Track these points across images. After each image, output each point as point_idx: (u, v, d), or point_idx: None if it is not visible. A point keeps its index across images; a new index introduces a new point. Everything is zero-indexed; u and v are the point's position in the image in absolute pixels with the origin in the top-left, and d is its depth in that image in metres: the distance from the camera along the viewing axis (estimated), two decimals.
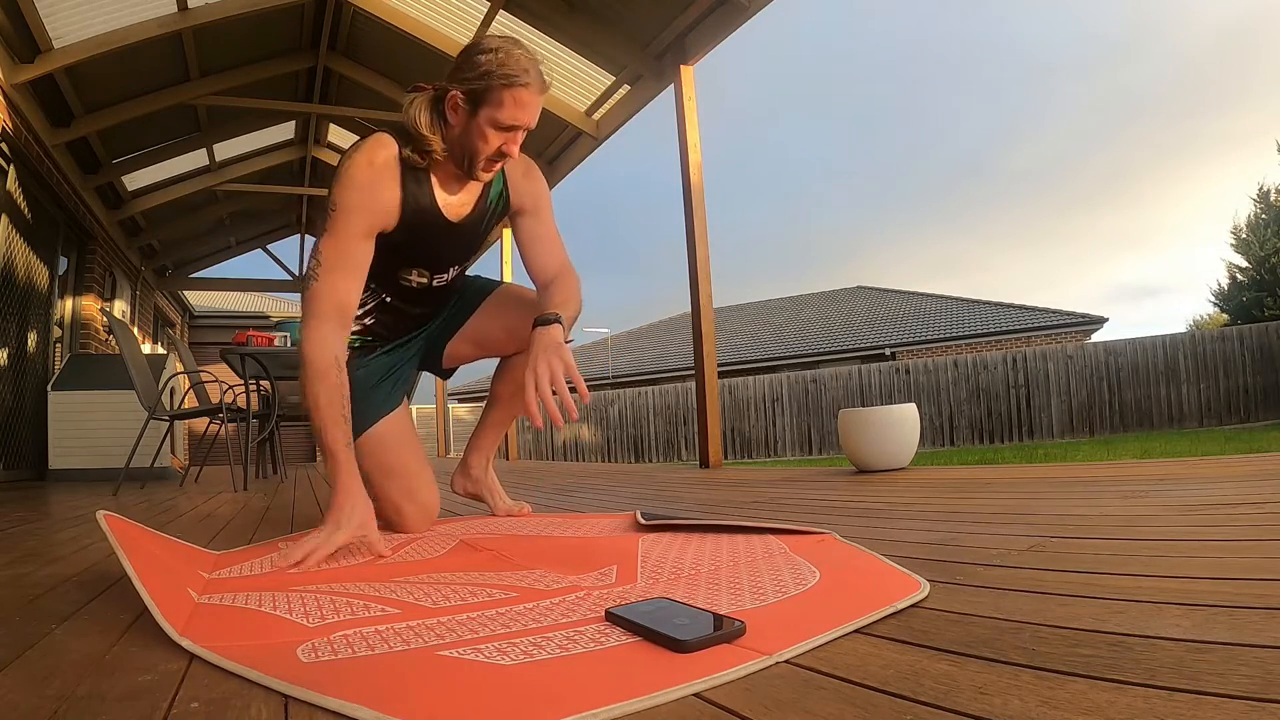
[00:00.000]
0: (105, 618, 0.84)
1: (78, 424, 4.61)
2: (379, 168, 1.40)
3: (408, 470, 1.55)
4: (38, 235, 4.83)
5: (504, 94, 1.35)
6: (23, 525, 1.95)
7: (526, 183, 1.65)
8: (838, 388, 13.28)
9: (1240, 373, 11.34)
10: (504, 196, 1.62)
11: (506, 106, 1.35)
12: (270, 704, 0.55)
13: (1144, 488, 1.59)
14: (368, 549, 1.21)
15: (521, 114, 1.37)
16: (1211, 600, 0.67)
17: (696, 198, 3.98)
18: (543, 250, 1.64)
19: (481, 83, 1.35)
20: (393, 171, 1.41)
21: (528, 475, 4.09)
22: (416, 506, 1.53)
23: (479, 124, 1.37)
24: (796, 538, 1.15)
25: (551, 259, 1.64)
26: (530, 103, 1.38)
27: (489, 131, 1.37)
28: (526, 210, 1.65)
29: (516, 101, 1.36)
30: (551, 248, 1.65)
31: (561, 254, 1.67)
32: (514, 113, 1.36)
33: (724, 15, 3.90)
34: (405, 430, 1.62)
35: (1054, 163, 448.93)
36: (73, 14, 4.02)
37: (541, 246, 1.64)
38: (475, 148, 1.39)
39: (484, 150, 1.39)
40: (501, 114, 1.36)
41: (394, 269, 1.56)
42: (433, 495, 1.58)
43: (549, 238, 1.66)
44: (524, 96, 1.36)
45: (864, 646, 0.62)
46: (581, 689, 0.54)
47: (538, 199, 1.66)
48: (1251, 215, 17.62)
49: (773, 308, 23.23)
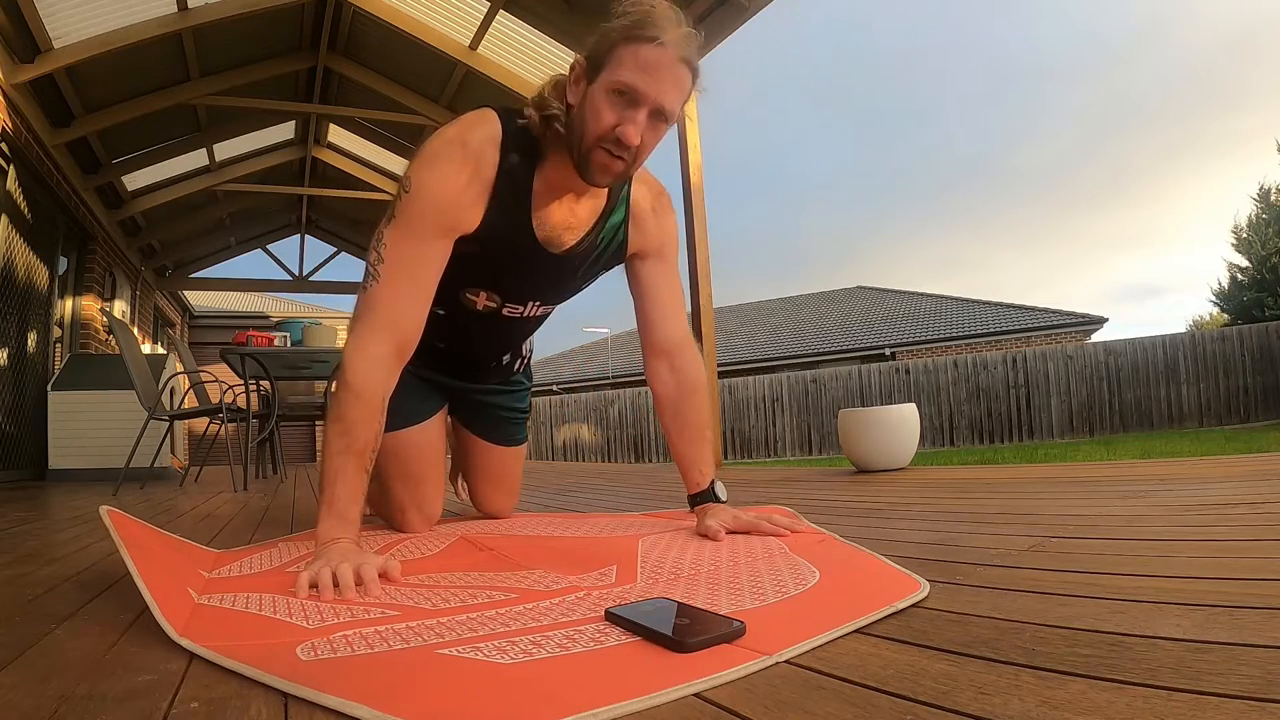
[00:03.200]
0: (105, 618, 0.84)
1: (78, 424, 4.61)
2: (474, 149, 1.12)
3: (424, 479, 1.51)
4: (37, 235, 4.83)
5: (623, 50, 1.04)
6: (23, 525, 1.95)
7: (655, 219, 1.33)
8: (837, 388, 13.27)
9: (1240, 373, 11.33)
10: (624, 230, 1.30)
11: (626, 65, 1.04)
12: (270, 704, 0.55)
13: (1144, 488, 1.59)
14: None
15: (644, 78, 1.03)
16: (1211, 600, 0.66)
17: (696, 198, 3.98)
18: (666, 311, 1.36)
19: (603, 41, 1.07)
20: (488, 157, 1.13)
21: (528, 475, 4.09)
22: (421, 515, 1.52)
23: (594, 93, 1.07)
24: (796, 537, 1.15)
25: (675, 325, 1.37)
26: (660, 66, 1.04)
27: (600, 100, 1.06)
28: (650, 253, 1.34)
29: (639, 61, 1.03)
30: (675, 308, 1.38)
31: (685, 319, 1.42)
32: (634, 75, 1.03)
33: (724, 15, 3.91)
34: (434, 441, 1.53)
35: (1055, 163, 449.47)
36: (73, 14, 4.02)
37: (664, 305, 1.36)
38: (586, 125, 1.08)
39: (595, 127, 1.06)
40: (620, 73, 1.04)
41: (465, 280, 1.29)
42: (438, 505, 1.56)
43: (673, 294, 1.38)
44: (650, 55, 1.03)
45: (864, 646, 0.62)
46: (581, 688, 0.54)
47: (665, 241, 1.36)
48: (1252, 215, 17.62)
49: (772, 308, 23.23)
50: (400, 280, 1.11)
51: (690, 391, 1.35)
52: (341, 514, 1.02)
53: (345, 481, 1.03)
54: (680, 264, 1.45)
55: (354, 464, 1.04)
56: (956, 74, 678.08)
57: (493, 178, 1.13)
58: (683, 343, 1.37)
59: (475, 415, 1.63)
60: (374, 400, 1.07)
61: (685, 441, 1.34)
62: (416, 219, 1.11)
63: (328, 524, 1.01)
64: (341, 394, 1.07)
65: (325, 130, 7.37)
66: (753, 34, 7.27)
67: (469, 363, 1.53)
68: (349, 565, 0.90)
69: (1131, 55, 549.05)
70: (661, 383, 1.37)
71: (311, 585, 0.88)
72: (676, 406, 1.36)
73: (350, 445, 1.04)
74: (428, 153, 1.13)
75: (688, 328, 1.40)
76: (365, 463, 1.06)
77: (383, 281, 1.10)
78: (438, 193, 1.11)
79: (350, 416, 1.05)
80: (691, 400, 1.35)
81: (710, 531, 1.17)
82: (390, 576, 0.94)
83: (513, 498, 1.72)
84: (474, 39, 5.12)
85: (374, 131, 6.92)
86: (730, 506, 1.26)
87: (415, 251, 1.12)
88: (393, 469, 1.46)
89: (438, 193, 1.11)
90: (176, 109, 5.37)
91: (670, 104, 1.07)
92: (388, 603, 0.84)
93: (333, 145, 7.59)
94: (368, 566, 0.91)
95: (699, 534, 1.20)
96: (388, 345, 1.10)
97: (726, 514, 1.23)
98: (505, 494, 1.69)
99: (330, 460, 1.04)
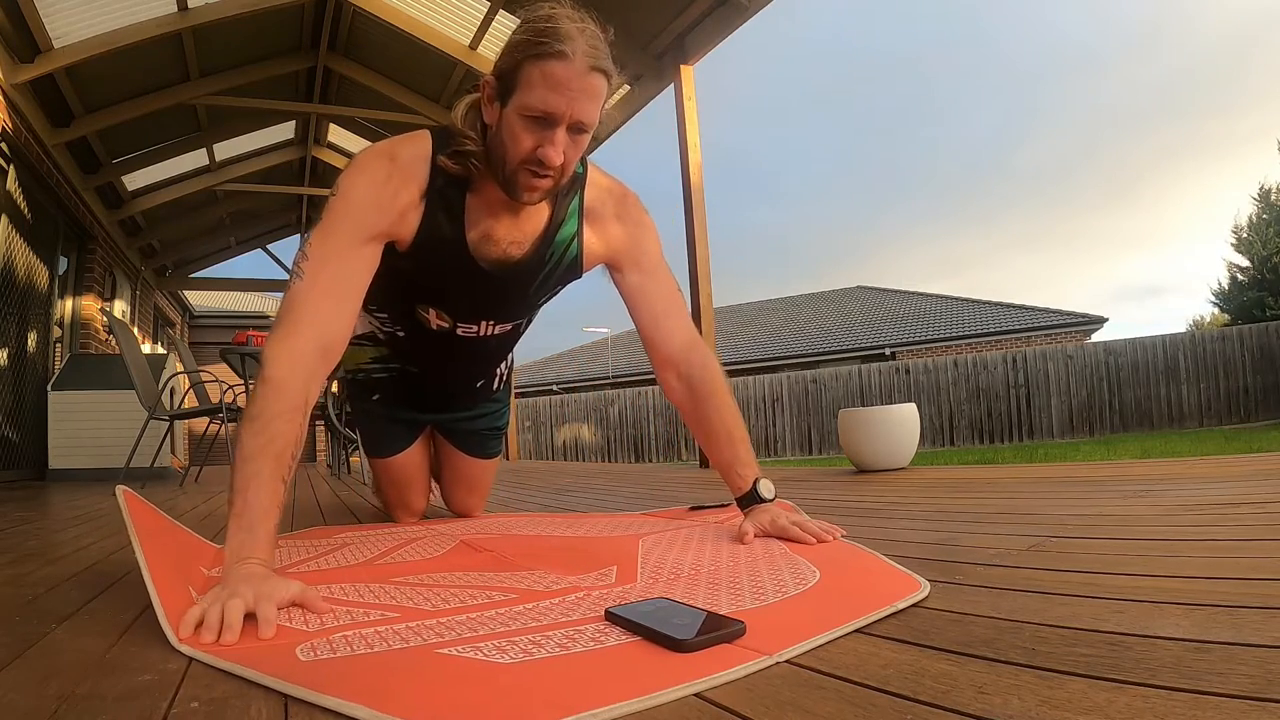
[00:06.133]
0: (105, 618, 0.84)
1: (78, 424, 4.62)
2: (403, 163, 1.11)
3: (410, 486, 1.68)
4: (37, 235, 4.83)
5: (531, 69, 1.00)
6: (23, 525, 1.95)
7: (618, 226, 1.26)
8: (838, 388, 13.28)
9: (1240, 373, 11.34)
10: (577, 242, 1.24)
11: (536, 88, 1.00)
12: (270, 703, 0.55)
13: (1144, 488, 1.58)
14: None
15: (554, 98, 1.00)
16: (1211, 600, 0.66)
17: (696, 198, 3.98)
18: (662, 321, 1.29)
19: (510, 59, 1.03)
20: (417, 175, 1.12)
21: (528, 475, 4.09)
22: (405, 510, 1.72)
23: (508, 116, 1.04)
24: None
25: (675, 333, 1.30)
26: (569, 82, 0.99)
27: (516, 126, 1.03)
28: (625, 264, 1.28)
29: (548, 80, 0.99)
30: (672, 315, 1.31)
31: (686, 321, 1.33)
32: (544, 95, 1.00)
33: (724, 15, 3.90)
34: (417, 459, 1.65)
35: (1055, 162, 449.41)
36: (73, 14, 4.02)
37: (658, 315, 1.29)
38: (505, 150, 1.06)
39: (514, 153, 1.05)
40: (531, 97, 1.00)
41: (408, 299, 1.28)
42: (423, 503, 1.74)
43: (665, 298, 1.31)
44: (557, 73, 0.99)
45: (864, 646, 0.62)
46: (581, 688, 0.54)
47: (637, 247, 1.28)
48: (1253, 215, 17.63)
49: (772, 308, 23.24)
50: (323, 279, 1.04)
51: (706, 396, 1.28)
52: (251, 528, 0.85)
53: (259, 489, 0.87)
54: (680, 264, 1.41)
55: (270, 469, 0.89)
56: (957, 73, 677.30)
57: (421, 194, 1.12)
58: (687, 348, 1.30)
59: (454, 434, 1.69)
60: (295, 397, 0.95)
61: (713, 447, 1.28)
62: (340, 221, 1.08)
63: (236, 540, 0.84)
64: (259, 389, 0.95)
65: (325, 130, 7.38)
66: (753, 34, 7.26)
67: (445, 393, 1.56)
68: (240, 601, 0.73)
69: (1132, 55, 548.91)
70: (674, 392, 1.32)
71: (199, 625, 0.72)
72: (694, 414, 1.30)
73: (266, 446, 0.90)
74: (357, 161, 1.12)
75: (691, 330, 1.34)
76: (283, 469, 0.90)
77: (306, 279, 1.04)
78: (361, 197, 1.09)
79: (269, 412, 0.92)
80: (709, 404, 1.28)
81: (741, 534, 1.14)
82: (310, 607, 0.79)
83: (483, 501, 1.83)
84: (474, 39, 5.12)
85: (374, 131, 6.91)
86: (774, 507, 1.20)
87: (339, 253, 1.07)
88: (380, 477, 1.66)
89: (361, 197, 1.09)
90: (176, 109, 5.36)
91: (587, 116, 1.04)
92: (388, 603, 0.84)
93: (333, 145, 7.59)
94: (266, 604, 0.74)
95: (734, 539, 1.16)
96: (311, 342, 1.00)
97: (765, 516, 1.17)
98: (477, 497, 1.79)
99: (242, 465, 0.89)
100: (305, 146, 7.42)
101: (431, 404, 1.57)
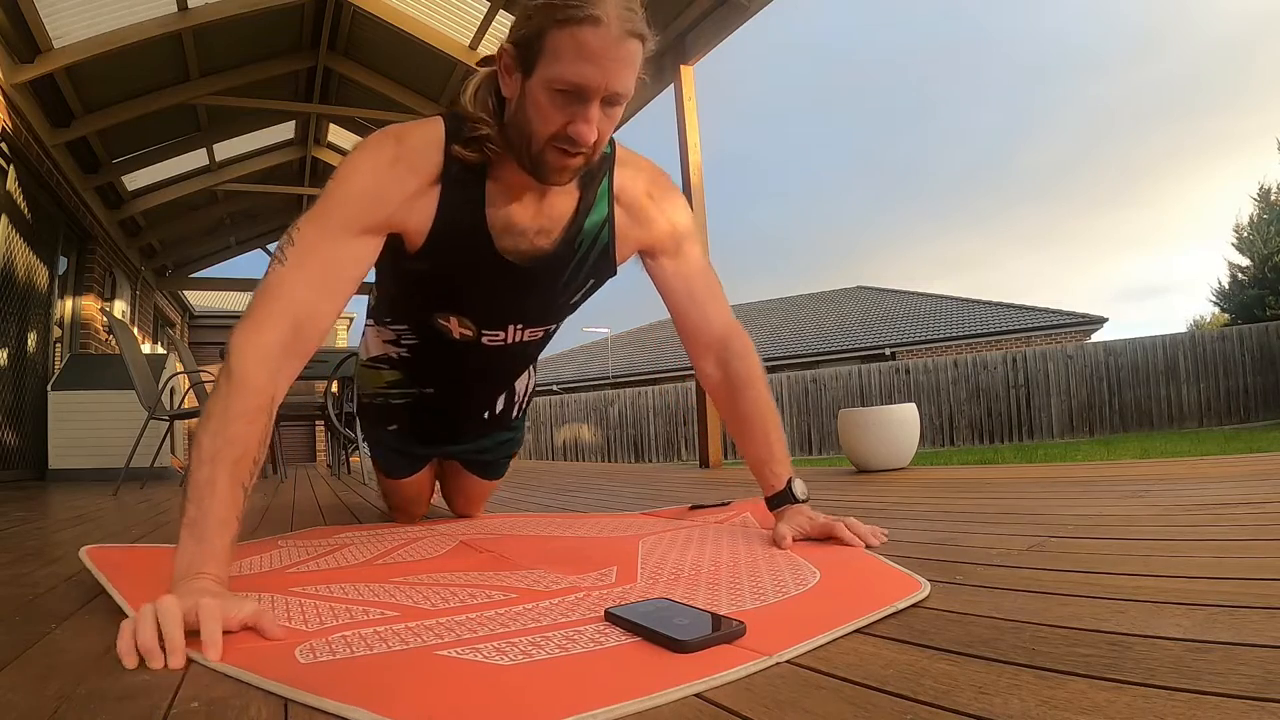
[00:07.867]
0: (105, 618, 0.83)
1: (78, 424, 4.62)
2: (412, 146, 1.01)
3: (415, 501, 1.70)
4: (37, 235, 4.83)
5: (558, 37, 0.89)
6: (23, 525, 1.95)
7: (653, 207, 1.16)
8: (837, 388, 13.27)
9: (1240, 373, 11.33)
10: (608, 229, 1.14)
11: (565, 58, 0.89)
12: (270, 703, 0.55)
13: (1144, 488, 1.58)
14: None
15: (588, 69, 0.89)
16: (1211, 600, 0.66)
17: (696, 198, 3.98)
18: (700, 308, 1.21)
19: (533, 24, 0.91)
20: (428, 160, 1.01)
21: (528, 475, 4.09)
22: (406, 516, 1.73)
23: (533, 89, 0.93)
24: None
25: (713, 318, 1.22)
26: (604, 50, 0.88)
27: (543, 99, 0.92)
28: (661, 249, 1.19)
29: (580, 50, 0.88)
30: (711, 300, 1.23)
31: (724, 305, 1.24)
32: (576, 67, 0.89)
33: (724, 15, 3.90)
34: (425, 482, 1.65)
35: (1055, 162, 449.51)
36: (73, 14, 4.02)
37: (696, 302, 1.21)
38: (531, 126, 0.95)
39: (542, 131, 0.94)
40: (560, 68, 0.90)
41: (427, 307, 1.18)
42: (425, 509, 1.77)
43: (705, 285, 1.23)
44: (590, 41, 0.88)
45: (864, 646, 0.62)
46: (581, 689, 0.54)
47: (675, 230, 1.19)
48: (1253, 214, 17.63)
49: (772, 308, 23.23)
50: (308, 267, 0.94)
51: (744, 386, 1.20)
52: (205, 538, 0.77)
53: (214, 497, 0.79)
54: None
55: (226, 474, 0.80)
56: (958, 73, 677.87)
57: (434, 180, 1.01)
58: (726, 334, 1.22)
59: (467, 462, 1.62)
60: (259, 396, 0.86)
61: (747, 441, 1.20)
62: (336, 206, 0.98)
63: (188, 552, 0.76)
64: (221, 384, 0.86)
65: (325, 130, 7.37)
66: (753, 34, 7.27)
67: (463, 421, 1.46)
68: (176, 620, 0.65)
69: (1132, 55, 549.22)
70: (709, 379, 1.25)
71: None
72: (730, 403, 1.23)
73: (223, 450, 0.81)
74: (363, 143, 1.03)
75: (730, 317, 1.25)
76: (242, 475, 0.82)
77: (289, 265, 0.93)
78: (363, 181, 0.99)
79: (231, 411, 0.83)
80: (746, 395, 1.20)
81: (779, 538, 1.06)
82: (262, 630, 0.70)
83: (484, 503, 1.85)
84: (474, 39, 5.12)
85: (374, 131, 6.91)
86: (807, 507, 1.13)
87: (330, 240, 0.96)
88: (384, 488, 1.67)
89: (363, 181, 0.99)
90: (176, 109, 5.36)
91: (624, 87, 0.93)
92: (387, 603, 0.84)
93: (333, 145, 7.59)
94: (211, 623, 0.66)
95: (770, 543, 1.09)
96: (283, 335, 0.90)
97: (802, 517, 1.10)
98: (477, 505, 1.81)
99: (197, 469, 0.80)
100: (305, 146, 7.42)
101: (447, 436, 1.49)
